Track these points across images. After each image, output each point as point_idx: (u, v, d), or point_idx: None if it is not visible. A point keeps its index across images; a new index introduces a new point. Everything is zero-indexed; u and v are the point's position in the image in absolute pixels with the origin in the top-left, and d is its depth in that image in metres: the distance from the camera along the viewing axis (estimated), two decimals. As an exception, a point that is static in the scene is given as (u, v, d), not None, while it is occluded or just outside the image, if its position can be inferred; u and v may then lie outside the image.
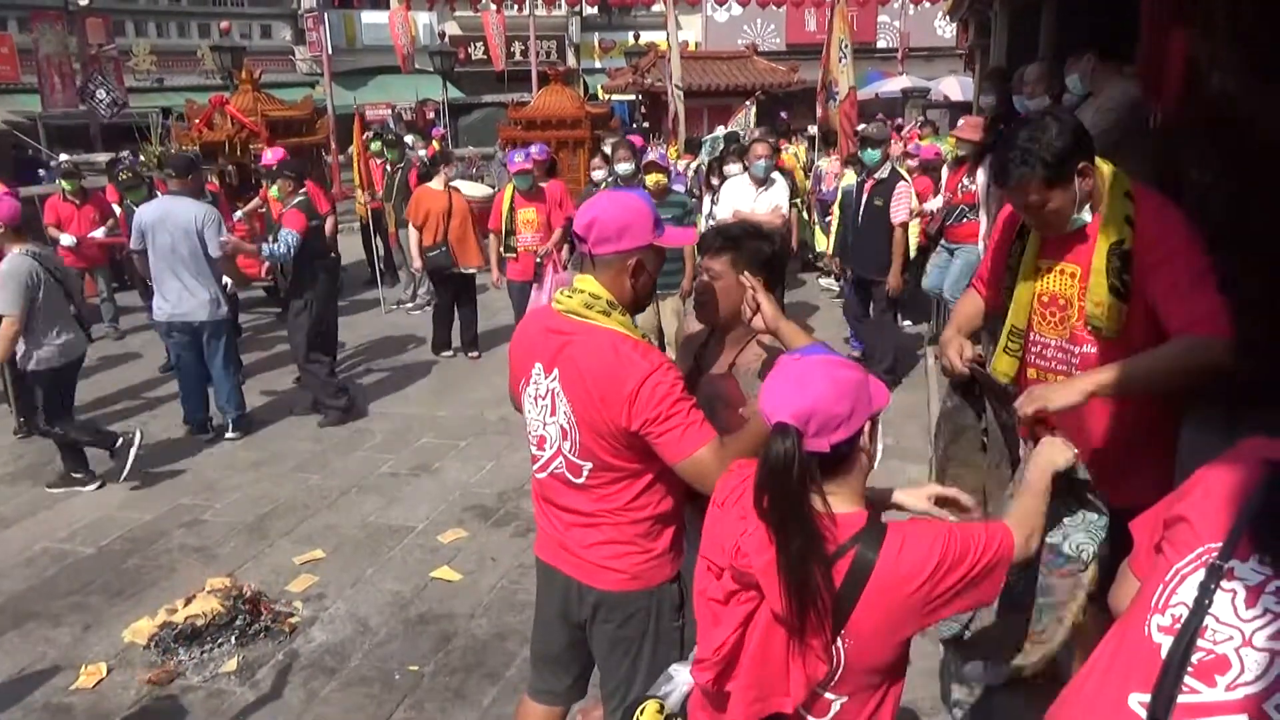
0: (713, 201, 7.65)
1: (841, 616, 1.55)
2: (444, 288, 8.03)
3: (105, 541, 4.83)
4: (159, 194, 7.19)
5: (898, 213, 6.62)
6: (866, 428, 1.61)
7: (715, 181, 8.06)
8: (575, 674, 2.57)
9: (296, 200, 6.43)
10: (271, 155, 7.32)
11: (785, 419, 1.54)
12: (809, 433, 1.54)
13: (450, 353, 8.13)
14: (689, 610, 2.28)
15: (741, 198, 7.01)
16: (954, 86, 19.91)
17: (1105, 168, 2.40)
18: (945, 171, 7.35)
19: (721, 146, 9.56)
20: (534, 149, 7.29)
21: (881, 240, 6.66)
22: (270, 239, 6.52)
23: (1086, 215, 2.38)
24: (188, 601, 4.03)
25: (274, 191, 6.62)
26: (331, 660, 3.72)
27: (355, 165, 10.60)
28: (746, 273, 2.28)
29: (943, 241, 7.02)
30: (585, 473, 2.21)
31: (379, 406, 6.90)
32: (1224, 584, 1.36)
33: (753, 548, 1.59)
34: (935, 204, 7.11)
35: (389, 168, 10.35)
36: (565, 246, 7.15)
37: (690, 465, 2.07)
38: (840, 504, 1.60)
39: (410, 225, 7.90)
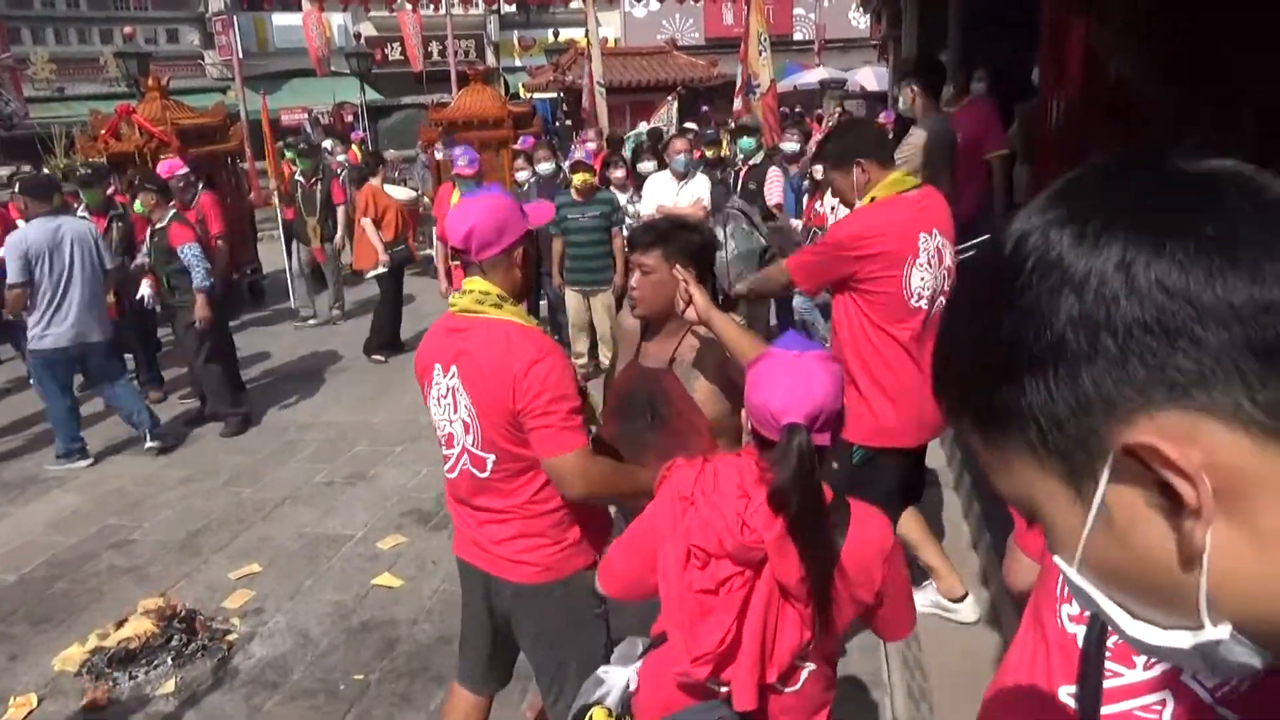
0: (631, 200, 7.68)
1: (827, 585, 1.67)
2: (391, 286, 8.02)
3: (28, 568, 4.67)
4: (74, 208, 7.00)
5: (772, 194, 6.88)
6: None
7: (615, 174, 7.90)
8: (501, 663, 2.65)
9: (171, 214, 6.21)
10: (166, 168, 7.14)
11: (799, 420, 1.61)
12: (814, 429, 1.62)
13: (381, 358, 8.04)
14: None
15: (664, 193, 7.09)
16: (869, 77, 20.32)
17: (893, 176, 2.99)
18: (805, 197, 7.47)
19: (645, 142, 9.62)
20: (458, 151, 7.21)
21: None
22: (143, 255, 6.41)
23: (859, 201, 3.03)
24: (120, 624, 3.94)
25: (137, 206, 6.34)
26: (273, 675, 3.67)
27: (272, 169, 10.29)
28: (678, 265, 2.33)
29: None
30: (489, 465, 2.26)
31: (310, 416, 6.79)
32: None
33: (760, 522, 1.64)
34: (798, 224, 7.28)
35: (301, 179, 9.45)
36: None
37: (555, 465, 2.16)
38: None
39: (366, 220, 7.82)
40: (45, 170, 12.86)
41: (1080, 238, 0.53)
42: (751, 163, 7.18)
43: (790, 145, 7.49)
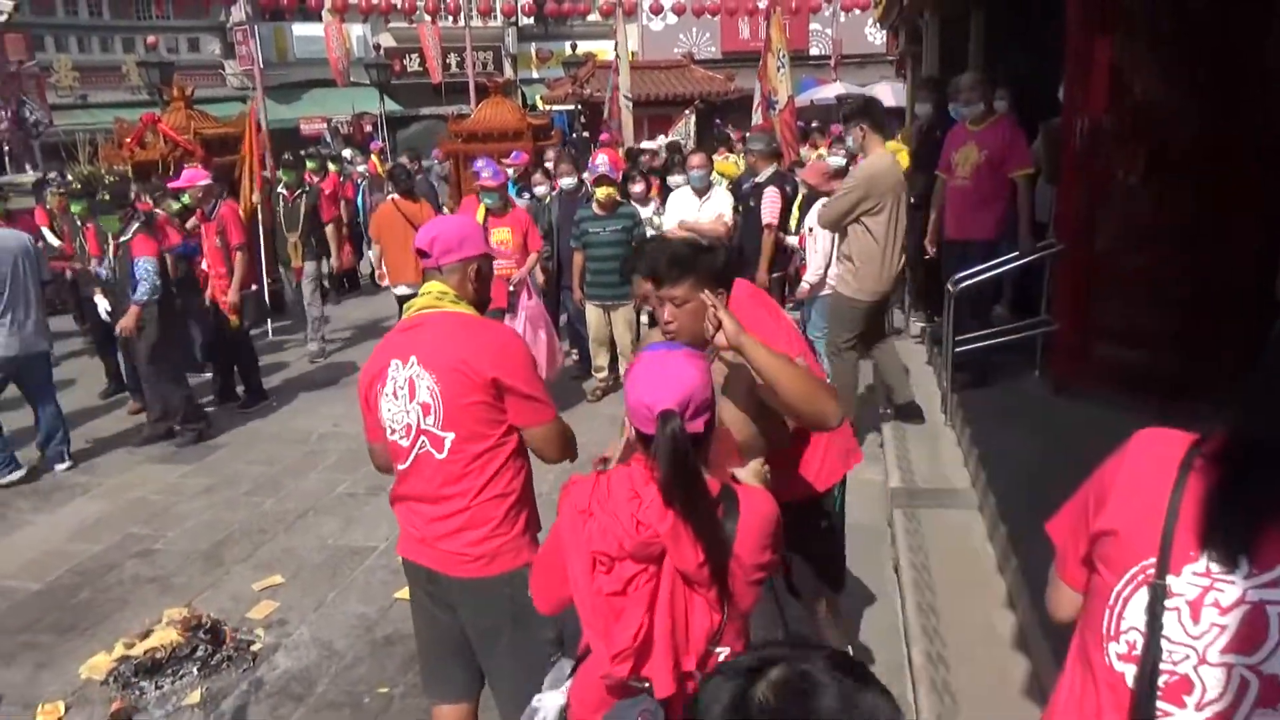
0: (657, 211, 7.71)
1: (724, 568, 1.76)
2: None
3: (53, 576, 4.69)
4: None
5: (765, 214, 6.93)
6: (717, 411, 1.89)
7: (634, 189, 7.84)
8: (465, 664, 2.63)
9: (137, 225, 6.14)
10: (187, 177, 7.16)
11: (670, 406, 1.73)
12: (687, 416, 1.74)
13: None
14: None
15: (685, 208, 7.11)
16: (886, 93, 20.26)
17: None
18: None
19: (676, 156, 9.60)
20: (480, 163, 7.21)
21: (755, 239, 6.95)
22: (107, 269, 6.36)
23: None
24: (146, 634, 3.96)
25: (113, 224, 6.21)
26: (298, 687, 3.68)
27: (247, 180, 9.00)
28: (707, 290, 2.31)
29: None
30: (448, 445, 2.37)
31: (331, 426, 6.81)
32: (1167, 603, 1.34)
33: (653, 517, 1.74)
34: (793, 240, 7.31)
35: (284, 190, 8.90)
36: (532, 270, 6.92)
37: (546, 430, 2.44)
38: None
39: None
40: (69, 176, 12.98)
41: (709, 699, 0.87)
42: (757, 180, 7.23)
43: (836, 160, 7.46)
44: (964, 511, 4.44)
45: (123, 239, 6.18)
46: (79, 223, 7.48)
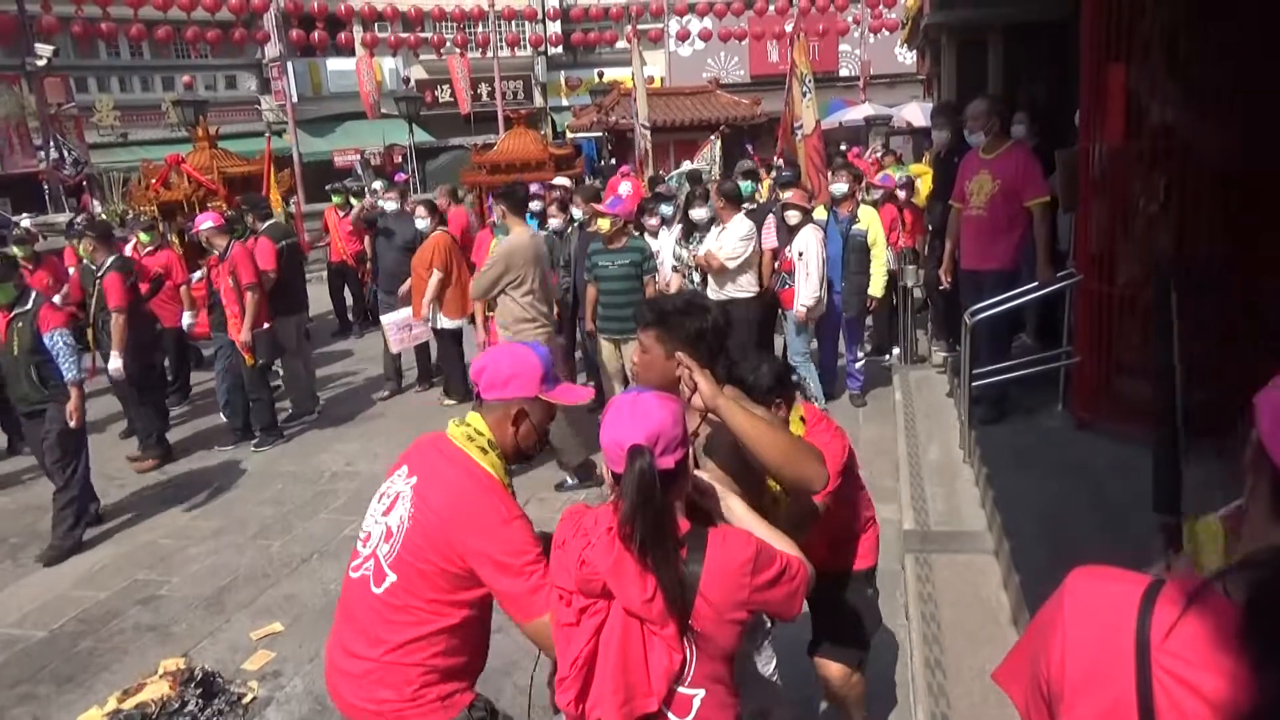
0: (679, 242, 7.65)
1: (686, 607, 1.73)
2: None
3: (58, 624, 4.69)
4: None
5: (766, 239, 7.09)
6: (691, 450, 1.88)
7: (650, 222, 7.79)
8: None
9: (111, 261, 5.81)
10: (199, 220, 7.18)
11: (639, 441, 1.74)
12: (657, 452, 1.74)
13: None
14: None
15: (707, 237, 7.07)
16: (916, 112, 20.09)
17: None
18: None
19: (696, 189, 9.55)
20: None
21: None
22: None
23: None
24: (139, 688, 3.91)
25: (80, 250, 5.80)
26: (287, 743, 3.61)
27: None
28: (680, 352, 2.20)
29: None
30: (386, 585, 2.14)
31: (343, 464, 6.79)
32: None
33: (597, 556, 1.77)
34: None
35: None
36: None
37: (536, 628, 2.04)
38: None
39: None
40: (102, 214, 13.24)
41: None
42: (747, 207, 7.41)
43: (839, 187, 7.35)
44: (979, 556, 4.27)
45: (20, 310, 5.35)
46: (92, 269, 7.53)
